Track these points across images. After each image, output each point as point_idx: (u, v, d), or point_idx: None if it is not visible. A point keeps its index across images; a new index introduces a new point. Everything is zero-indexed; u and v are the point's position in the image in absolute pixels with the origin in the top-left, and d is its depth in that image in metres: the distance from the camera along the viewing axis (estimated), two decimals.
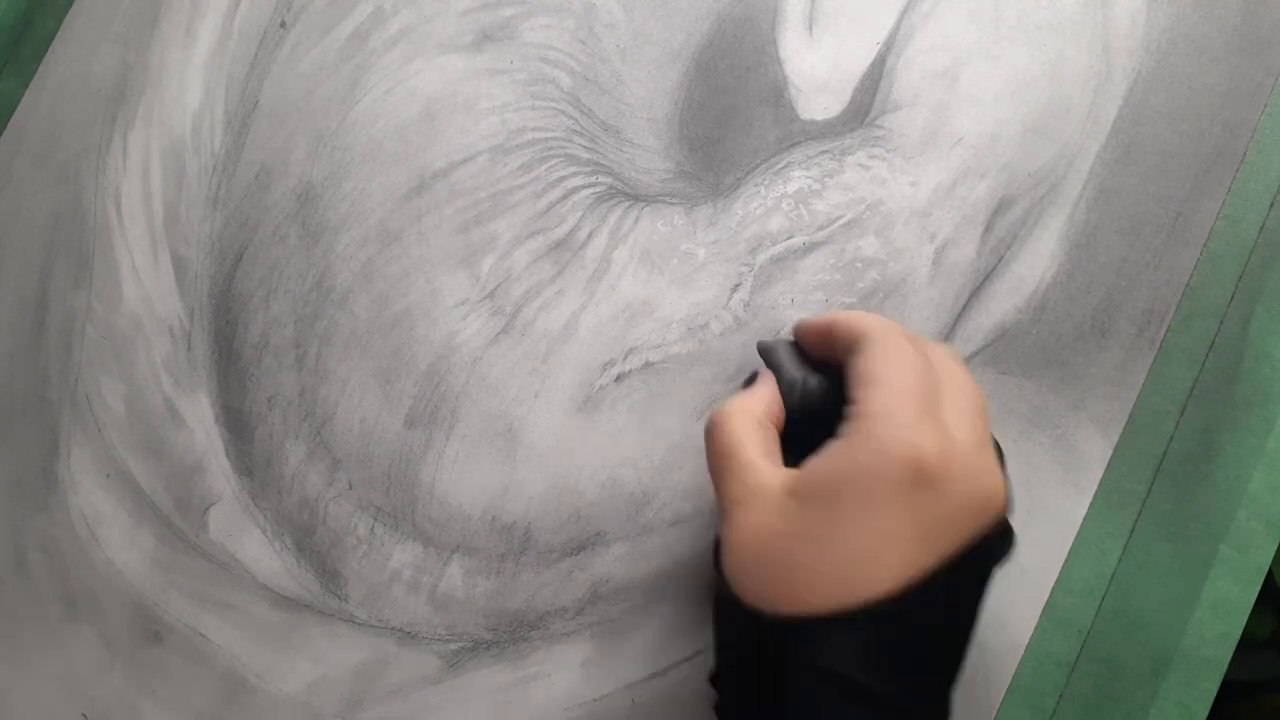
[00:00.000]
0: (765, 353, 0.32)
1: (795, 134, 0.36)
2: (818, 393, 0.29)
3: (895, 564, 0.24)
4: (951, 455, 0.24)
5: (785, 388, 0.29)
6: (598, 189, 0.38)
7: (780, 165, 0.36)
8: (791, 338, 0.31)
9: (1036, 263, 0.34)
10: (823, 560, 0.24)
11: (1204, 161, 0.33)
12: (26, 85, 0.45)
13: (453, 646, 0.36)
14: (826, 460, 0.25)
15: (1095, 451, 0.33)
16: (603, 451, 0.36)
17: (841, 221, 0.36)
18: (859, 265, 0.35)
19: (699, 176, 0.37)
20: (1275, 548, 0.31)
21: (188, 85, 0.43)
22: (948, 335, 0.34)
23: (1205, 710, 0.30)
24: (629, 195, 0.37)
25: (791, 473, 0.26)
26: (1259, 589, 0.31)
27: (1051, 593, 0.32)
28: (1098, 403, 0.33)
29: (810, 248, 0.36)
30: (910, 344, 0.27)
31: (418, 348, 0.38)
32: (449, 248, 0.38)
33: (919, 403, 0.25)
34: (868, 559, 0.24)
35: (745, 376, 0.32)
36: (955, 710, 0.26)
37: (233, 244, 0.41)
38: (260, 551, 0.38)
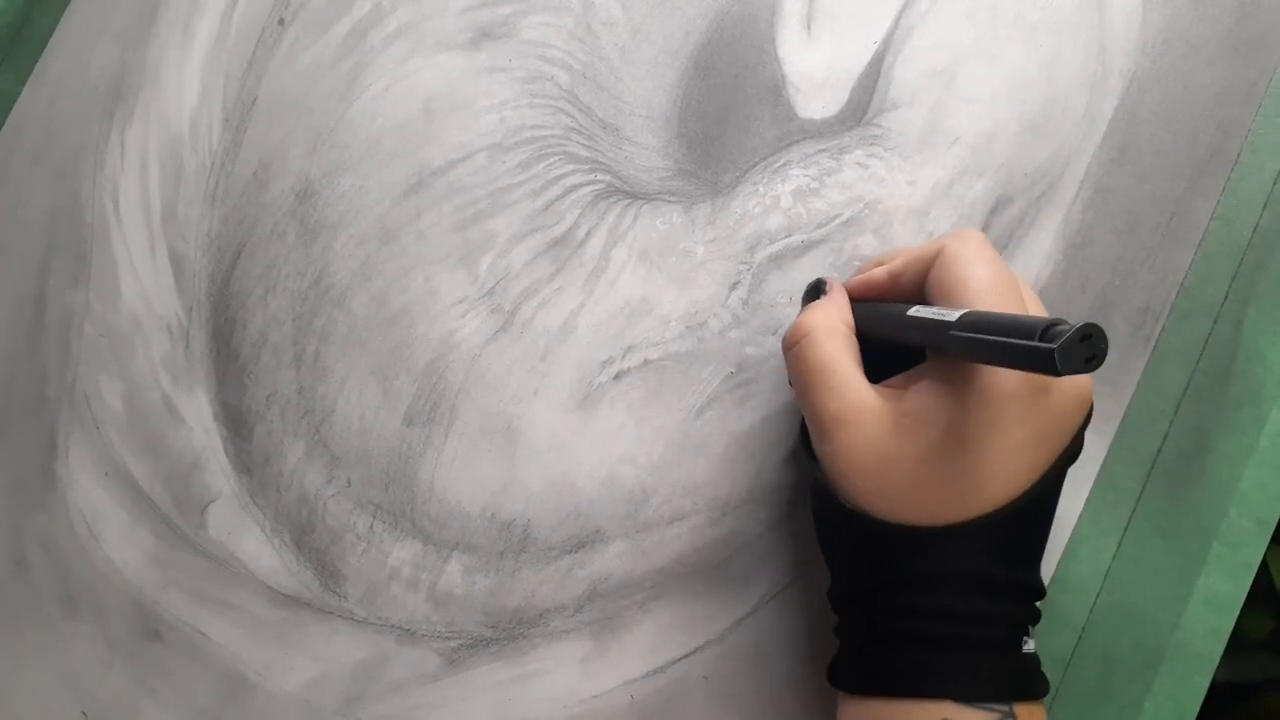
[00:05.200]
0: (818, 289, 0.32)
1: (793, 132, 0.36)
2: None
3: (1020, 469, 0.26)
4: None
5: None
6: (596, 187, 0.38)
7: (779, 164, 0.36)
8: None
9: (1033, 262, 0.34)
10: (954, 476, 0.26)
11: (1199, 161, 0.34)
12: (24, 82, 0.45)
13: (452, 644, 0.36)
14: (938, 379, 0.26)
15: (1090, 449, 0.33)
16: (602, 449, 0.36)
17: (839, 220, 0.36)
18: (857, 263, 0.35)
19: (697, 174, 0.37)
20: (1266, 544, 0.32)
21: (186, 83, 0.43)
22: None
23: (1197, 704, 0.31)
24: (628, 193, 0.37)
25: (893, 391, 0.27)
26: (1250, 585, 0.31)
27: (1048, 589, 0.32)
28: (1093, 401, 0.33)
29: (808, 246, 0.36)
30: (989, 246, 0.27)
31: (416, 345, 0.38)
32: (447, 245, 0.39)
33: (1017, 308, 0.26)
34: (996, 471, 0.25)
35: (806, 287, 0.32)
36: None
37: (231, 241, 0.41)
38: (259, 549, 0.38)
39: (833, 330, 0.29)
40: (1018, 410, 0.25)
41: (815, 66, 0.37)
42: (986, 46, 0.36)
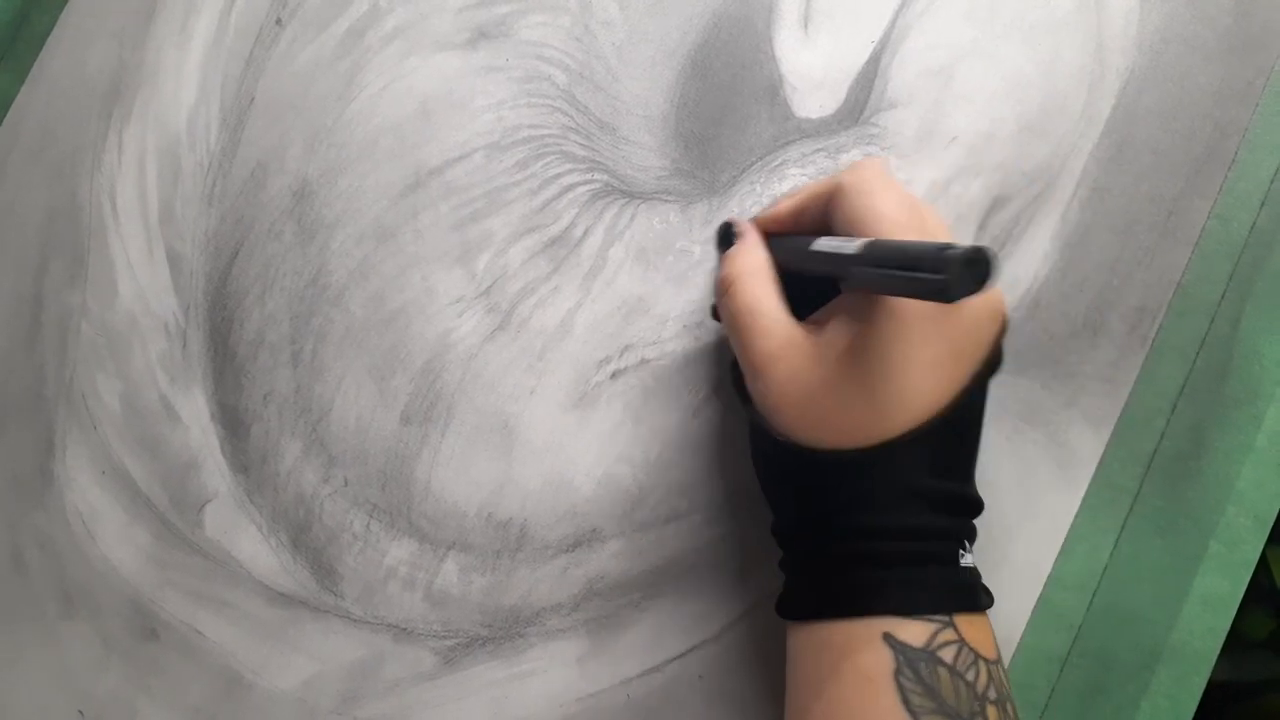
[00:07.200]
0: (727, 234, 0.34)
1: (790, 132, 0.36)
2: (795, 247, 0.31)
3: (939, 384, 0.26)
4: None
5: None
6: (593, 186, 0.38)
7: (776, 163, 0.36)
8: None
9: (1030, 261, 0.34)
10: (873, 397, 0.26)
11: (1196, 160, 0.34)
12: (22, 81, 0.45)
13: (448, 643, 0.36)
14: (853, 307, 0.27)
15: (1087, 448, 0.33)
16: (598, 448, 0.36)
17: None
18: None
19: (694, 174, 0.37)
20: (1263, 543, 0.32)
21: (183, 82, 0.43)
22: None
23: (1194, 703, 0.31)
24: (625, 192, 0.37)
25: (815, 324, 0.29)
26: (1247, 584, 0.31)
27: (1044, 588, 0.32)
28: (1090, 400, 0.33)
29: None
30: (887, 174, 0.29)
31: (413, 345, 0.38)
32: (444, 245, 0.39)
33: (918, 233, 0.27)
34: (914, 387, 0.26)
35: (717, 231, 0.34)
36: None
37: (228, 241, 0.41)
38: (256, 548, 0.38)
39: (756, 273, 0.30)
40: (927, 327, 0.26)
41: (812, 66, 0.37)
42: (984, 46, 0.36)
